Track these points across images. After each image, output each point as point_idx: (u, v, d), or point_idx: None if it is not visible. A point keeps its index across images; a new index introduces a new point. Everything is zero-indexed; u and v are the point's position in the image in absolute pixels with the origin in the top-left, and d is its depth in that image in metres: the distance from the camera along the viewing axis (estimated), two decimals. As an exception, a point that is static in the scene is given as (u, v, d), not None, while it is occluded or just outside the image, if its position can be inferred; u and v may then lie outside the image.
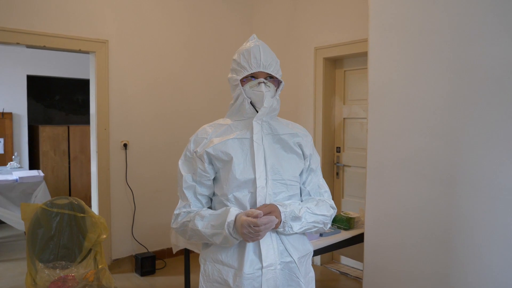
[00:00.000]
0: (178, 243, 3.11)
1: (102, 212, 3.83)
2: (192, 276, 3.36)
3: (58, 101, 6.62)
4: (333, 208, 1.62)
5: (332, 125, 4.08)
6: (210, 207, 1.60)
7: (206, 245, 1.59)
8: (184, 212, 1.56)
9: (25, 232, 2.89)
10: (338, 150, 4.06)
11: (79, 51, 3.73)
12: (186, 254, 3.16)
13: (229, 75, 1.59)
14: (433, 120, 2.23)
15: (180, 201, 1.60)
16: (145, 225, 4.10)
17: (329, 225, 1.62)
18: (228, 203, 1.50)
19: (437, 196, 2.21)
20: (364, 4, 3.11)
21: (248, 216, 1.38)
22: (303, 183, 1.62)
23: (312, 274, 1.64)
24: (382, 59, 2.47)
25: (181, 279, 3.58)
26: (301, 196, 1.62)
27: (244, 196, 1.48)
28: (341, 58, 3.96)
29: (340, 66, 4.04)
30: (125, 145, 3.94)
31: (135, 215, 4.03)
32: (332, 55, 3.88)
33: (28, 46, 3.55)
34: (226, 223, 1.41)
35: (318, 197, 1.62)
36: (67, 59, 6.00)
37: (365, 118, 3.60)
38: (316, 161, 1.65)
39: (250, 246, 1.46)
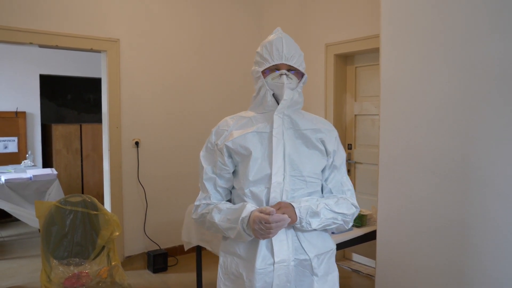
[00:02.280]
0: (190, 240, 3.12)
1: (115, 209, 3.86)
2: (204, 273, 3.37)
3: (71, 100, 6.68)
4: (355, 206, 1.57)
5: (344, 122, 4.06)
6: (230, 200, 1.59)
7: (225, 237, 1.59)
8: (204, 203, 1.57)
9: (39, 230, 2.93)
10: (350, 147, 4.04)
11: (91, 50, 3.76)
12: (198, 251, 3.17)
13: (252, 68, 1.58)
14: (445, 116, 2.21)
15: (200, 192, 1.60)
16: (157, 222, 4.13)
17: (351, 224, 1.57)
18: (245, 198, 1.49)
19: (450, 193, 2.19)
20: (375, -1, 3.09)
21: (261, 212, 1.37)
22: (325, 180, 1.58)
23: (336, 273, 1.59)
24: (394, 55, 2.45)
25: (193, 276, 3.60)
26: (322, 193, 1.58)
27: (260, 191, 1.47)
28: (352, 54, 3.93)
29: (351, 63, 4.01)
30: (136, 143, 3.97)
31: (147, 212, 4.06)
32: (343, 52, 3.86)
33: (41, 46, 3.59)
34: (240, 218, 1.41)
35: (340, 195, 1.58)
36: (79, 58, 6.06)
37: (377, 114, 3.57)
38: (340, 158, 1.60)
39: (263, 241, 1.45)
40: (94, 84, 6.36)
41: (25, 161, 5.33)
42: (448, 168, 2.20)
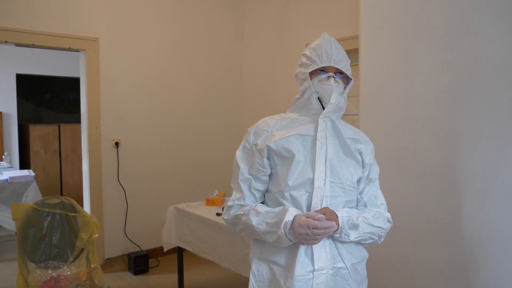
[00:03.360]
0: (170, 241, 3.10)
1: (94, 211, 3.81)
2: (185, 274, 3.36)
3: (49, 100, 6.56)
4: (389, 221, 1.55)
5: (324, 122, 4.07)
6: (262, 203, 1.56)
7: (257, 243, 1.55)
8: (237, 204, 1.53)
9: (16, 232, 2.87)
10: (330, 146, 4.06)
11: (69, 49, 3.70)
12: (179, 252, 3.15)
13: (297, 70, 1.55)
14: (425, 116, 2.23)
15: (234, 192, 1.55)
16: (137, 223, 4.08)
17: (383, 239, 1.54)
18: (284, 201, 1.45)
19: (432, 192, 2.21)
20: None
21: (308, 217, 1.34)
22: (360, 193, 1.56)
23: (367, 282, 1.58)
24: (373, 56, 2.47)
25: (174, 277, 3.58)
26: (357, 205, 1.56)
27: (301, 195, 1.43)
28: (333, 54, 3.95)
29: (332, 63, 4.03)
30: (116, 144, 3.92)
31: (127, 213, 4.02)
32: (324, 52, 3.87)
33: (17, 45, 3.51)
34: (283, 222, 1.37)
35: (375, 208, 1.56)
36: (57, 57, 5.95)
37: (357, 114, 3.60)
38: (375, 172, 1.60)
39: (302, 247, 1.41)
40: (72, 84, 6.25)
41: (1, 162, 5.21)
42: (429, 167, 2.22)
